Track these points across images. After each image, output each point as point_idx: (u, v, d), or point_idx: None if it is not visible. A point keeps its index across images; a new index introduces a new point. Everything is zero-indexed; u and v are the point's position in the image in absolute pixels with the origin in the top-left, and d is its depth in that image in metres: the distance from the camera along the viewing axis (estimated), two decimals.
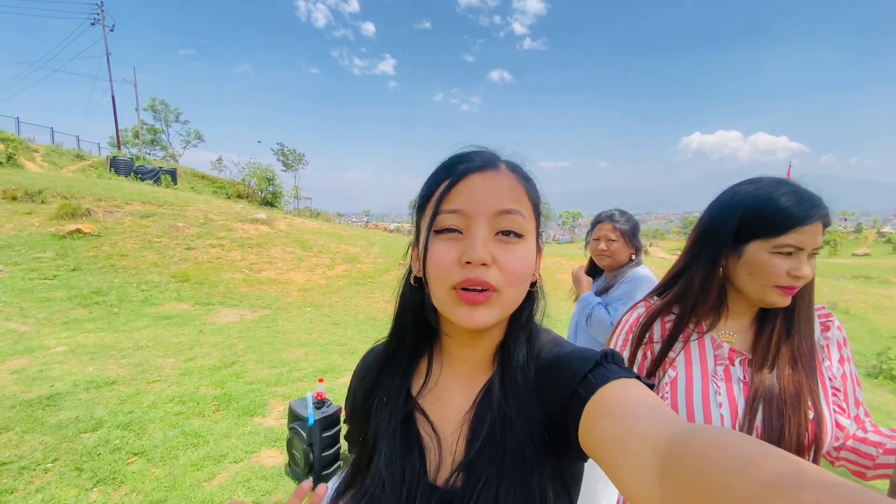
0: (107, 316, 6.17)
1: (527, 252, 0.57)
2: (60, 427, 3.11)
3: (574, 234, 74.74)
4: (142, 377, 4.11)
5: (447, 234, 0.56)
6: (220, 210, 12.72)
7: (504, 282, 0.55)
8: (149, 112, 34.88)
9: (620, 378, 0.50)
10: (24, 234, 8.83)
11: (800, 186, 0.86)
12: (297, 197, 31.10)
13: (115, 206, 10.83)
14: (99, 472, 2.64)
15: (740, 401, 0.88)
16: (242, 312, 7.11)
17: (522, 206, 0.57)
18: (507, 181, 0.57)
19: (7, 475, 2.56)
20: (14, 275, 7.12)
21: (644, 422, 0.42)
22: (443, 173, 0.58)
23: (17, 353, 4.51)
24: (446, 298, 0.56)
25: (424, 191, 0.60)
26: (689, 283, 0.96)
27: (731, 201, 0.90)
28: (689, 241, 1.00)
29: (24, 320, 5.58)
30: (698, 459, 0.33)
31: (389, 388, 0.66)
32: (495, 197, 0.55)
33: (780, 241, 0.83)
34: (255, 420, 3.45)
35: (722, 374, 0.92)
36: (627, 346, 1.03)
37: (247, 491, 2.58)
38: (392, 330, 0.69)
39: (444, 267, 0.55)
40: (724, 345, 0.94)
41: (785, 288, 0.86)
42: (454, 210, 0.55)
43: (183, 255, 9.23)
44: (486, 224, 0.55)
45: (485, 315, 0.55)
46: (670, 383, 0.94)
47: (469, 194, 0.55)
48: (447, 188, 0.56)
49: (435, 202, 0.57)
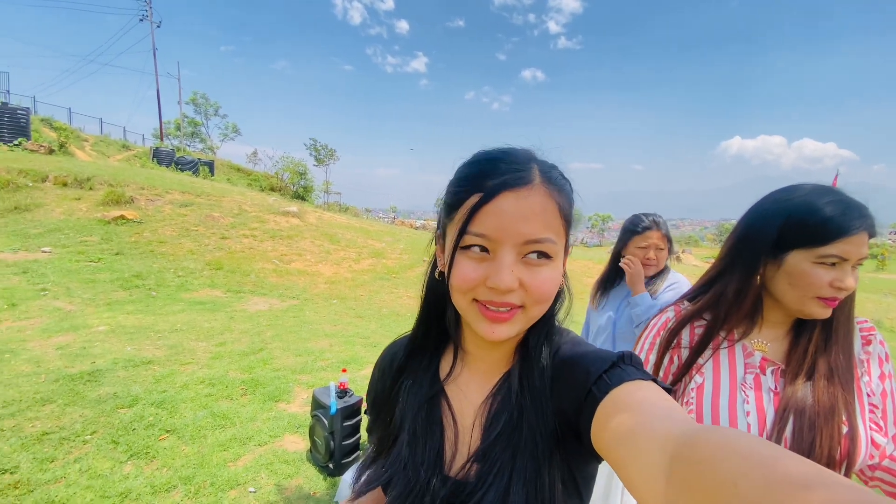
0: (145, 299, 6.46)
1: (554, 272, 0.55)
2: (100, 402, 3.28)
3: (603, 238, 73.24)
4: (176, 359, 4.29)
5: (475, 251, 0.54)
6: (254, 202, 13.09)
7: (530, 301, 0.55)
8: (190, 105, 36.22)
9: (636, 380, 0.50)
10: (72, 218, 9.34)
11: (845, 195, 0.82)
12: (328, 191, 31.71)
13: (157, 194, 11.31)
14: (133, 447, 2.77)
15: (769, 410, 0.86)
16: (272, 301, 7.30)
17: (552, 231, 0.54)
18: (540, 201, 0.53)
19: (49, 444, 2.72)
20: (62, 256, 7.55)
21: (655, 421, 0.42)
22: (474, 184, 0.54)
23: (62, 330, 4.78)
24: (468, 309, 0.57)
25: (453, 195, 0.57)
26: (722, 290, 0.93)
27: (772, 208, 0.87)
28: (725, 247, 0.97)
29: (71, 300, 5.90)
30: (706, 459, 0.33)
31: (417, 371, 0.69)
32: (526, 224, 0.52)
33: (823, 251, 0.80)
34: (279, 406, 3.54)
35: (752, 382, 0.89)
36: (654, 350, 1.01)
37: (269, 474, 2.65)
38: (418, 319, 0.70)
39: (468, 282, 0.54)
40: (756, 353, 0.91)
41: (826, 299, 0.82)
42: (481, 234, 0.53)
43: (217, 244, 9.56)
44: (514, 249, 0.53)
45: (506, 331, 0.56)
46: (696, 389, 0.92)
47: (499, 219, 0.52)
48: (476, 206, 0.53)
49: (463, 218, 0.54)
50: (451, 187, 0.59)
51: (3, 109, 15.27)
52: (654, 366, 1.00)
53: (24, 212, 9.31)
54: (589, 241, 66.58)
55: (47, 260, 7.30)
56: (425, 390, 0.66)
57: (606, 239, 71.22)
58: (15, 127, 15.18)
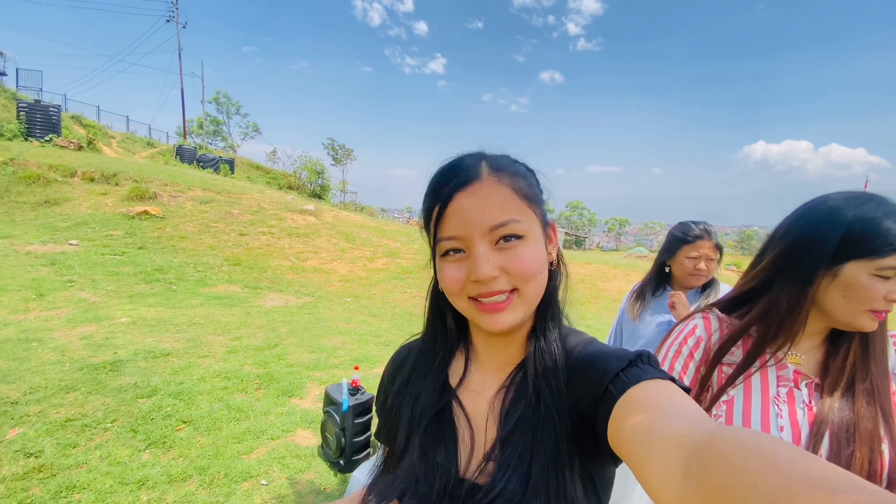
0: (166, 292, 6.62)
1: (532, 248, 0.57)
2: (121, 391, 3.38)
3: (620, 242, 72.29)
4: (193, 351, 4.39)
5: (452, 254, 0.58)
6: (272, 200, 13.30)
7: (519, 281, 0.56)
8: (213, 104, 37.04)
9: (654, 379, 0.49)
10: (98, 212, 9.63)
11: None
12: (344, 191, 32.03)
13: (179, 191, 11.59)
14: (151, 436, 2.85)
15: (804, 426, 0.83)
16: (287, 298, 7.41)
17: (513, 211, 0.56)
18: (492, 189, 0.56)
19: (71, 431, 2.81)
20: (88, 249, 7.79)
21: (672, 420, 0.41)
22: (431, 198, 0.59)
23: (87, 320, 4.94)
24: (467, 309, 0.60)
25: (423, 211, 0.62)
26: (773, 302, 0.88)
27: (830, 217, 0.83)
28: (773, 255, 0.91)
29: (95, 291, 6.09)
30: (724, 459, 0.32)
31: (425, 381, 0.68)
32: (484, 213, 0.55)
33: (883, 262, 0.77)
34: (292, 401, 3.60)
35: (785, 396, 0.86)
36: (680, 358, 0.97)
37: (281, 468, 2.70)
38: (426, 327, 0.72)
39: (455, 284, 0.58)
40: (790, 366, 0.88)
41: (878, 312, 0.80)
42: (451, 237, 0.57)
43: (236, 241, 9.74)
44: (484, 240, 0.56)
45: (509, 318, 0.57)
46: (727, 403, 0.89)
47: (459, 217, 0.56)
48: (438, 215, 0.57)
49: (433, 229, 0.59)
50: (422, 207, 0.63)
51: (35, 106, 15.83)
52: (694, 381, 0.96)
53: (53, 205, 9.64)
54: (605, 245, 65.74)
55: (74, 252, 7.55)
56: (435, 401, 0.66)
57: (623, 243, 70.29)
58: (47, 123, 15.72)
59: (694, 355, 0.96)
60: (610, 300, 9.98)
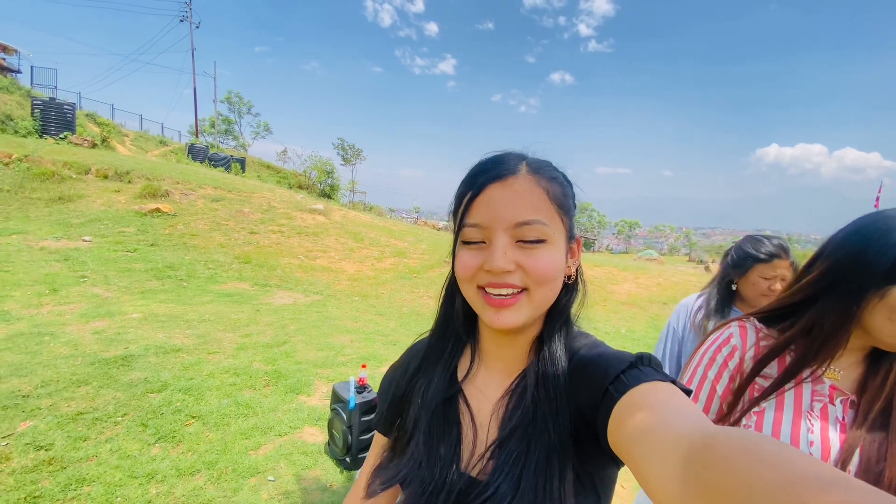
0: (177, 289, 6.69)
1: (551, 253, 0.57)
2: (131, 386, 3.41)
3: (629, 245, 71.74)
4: (203, 348, 4.42)
5: (472, 244, 0.59)
6: (283, 199, 13.39)
7: (531, 282, 0.57)
8: (224, 104, 37.42)
9: (654, 381, 0.50)
10: (111, 209, 9.76)
11: None
12: (353, 190, 32.16)
13: (191, 189, 11.71)
14: (161, 430, 2.87)
15: (835, 443, 0.81)
16: (296, 296, 7.45)
17: (542, 213, 0.57)
18: (526, 187, 0.57)
19: (82, 424, 2.84)
20: (101, 246, 7.89)
21: (672, 421, 0.42)
22: (465, 185, 0.60)
23: (99, 315, 5.00)
24: (475, 299, 0.60)
25: (454, 200, 0.63)
26: (818, 319, 0.85)
27: (886, 236, 0.79)
28: (822, 269, 0.87)
29: (108, 287, 6.16)
30: (722, 459, 0.32)
31: (434, 371, 0.70)
32: (513, 208, 0.56)
33: None
34: (300, 398, 3.60)
35: (819, 411, 0.84)
36: (714, 366, 0.94)
37: (288, 464, 2.71)
38: (437, 320, 0.72)
39: (468, 271, 0.59)
40: (826, 381, 0.86)
41: None
42: (475, 224, 0.58)
43: (246, 239, 9.82)
44: (506, 234, 0.56)
45: (512, 317, 0.57)
46: (757, 414, 0.87)
47: (487, 207, 0.57)
48: (468, 201, 0.58)
49: (459, 215, 0.60)
50: (455, 195, 0.64)
51: (51, 104, 16.10)
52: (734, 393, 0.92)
53: (67, 202, 9.79)
54: (615, 247, 65.29)
55: (87, 248, 7.65)
56: (443, 391, 0.67)
57: (633, 246, 69.76)
58: (62, 121, 15.98)
59: (728, 364, 0.93)
60: (619, 303, 9.90)
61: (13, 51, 24.35)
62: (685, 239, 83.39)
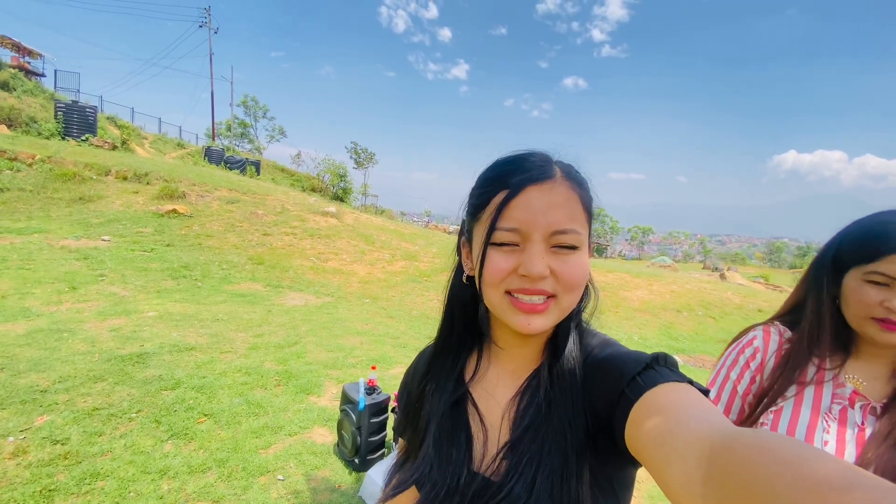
0: (191, 289, 6.79)
1: (582, 260, 0.57)
2: (146, 383, 3.46)
3: (643, 251, 70.93)
4: (216, 347, 4.48)
5: (505, 246, 0.56)
6: (296, 201, 13.53)
7: (561, 289, 0.56)
8: (241, 108, 37.98)
9: (671, 381, 0.49)
10: (130, 210, 9.96)
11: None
12: (365, 193, 32.38)
13: (206, 191, 11.90)
14: (174, 427, 2.90)
15: (850, 445, 0.81)
16: (308, 297, 7.51)
17: (577, 222, 0.56)
18: (564, 193, 0.56)
19: (98, 419, 2.89)
20: (119, 245, 8.06)
21: (690, 423, 0.41)
22: (499, 183, 0.57)
23: (116, 313, 5.09)
24: (500, 304, 0.58)
25: (478, 196, 0.60)
26: (805, 312, 0.93)
27: (853, 232, 0.88)
28: (807, 269, 0.98)
29: (125, 286, 6.28)
30: (743, 461, 0.32)
31: (441, 374, 0.69)
32: (553, 215, 0.54)
33: (871, 268, 0.80)
34: (310, 398, 3.62)
35: (837, 413, 0.85)
36: (736, 367, 0.99)
37: (298, 464, 2.72)
38: (442, 323, 0.72)
39: (500, 274, 0.56)
40: (848, 385, 0.86)
41: (881, 321, 0.79)
42: (511, 228, 0.55)
43: (260, 240, 9.93)
44: (543, 240, 0.55)
45: (542, 322, 0.56)
46: (775, 413, 0.89)
47: (526, 210, 0.54)
48: (503, 202, 0.55)
49: (492, 215, 0.56)
50: (475, 191, 0.61)
51: (73, 107, 16.52)
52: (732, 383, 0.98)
53: (87, 202, 10.02)
54: (627, 253, 64.61)
55: (106, 248, 7.81)
56: (449, 393, 0.67)
57: (646, 252, 68.92)
58: (83, 124, 16.38)
59: (750, 365, 0.97)
60: (632, 310, 9.79)
61: (38, 55, 25.08)
62: (700, 246, 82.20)
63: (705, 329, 9.28)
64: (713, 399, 1.04)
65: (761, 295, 12.80)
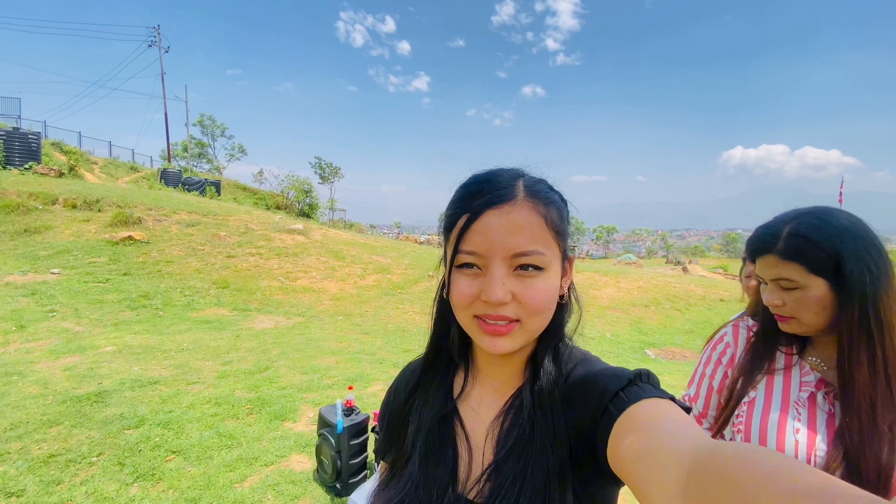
0: (152, 319, 6.48)
1: (548, 283, 0.56)
2: (106, 423, 3.26)
3: (608, 250, 72.94)
4: (182, 378, 4.28)
5: (467, 268, 0.57)
6: (260, 220, 13.20)
7: (525, 314, 0.56)
8: (197, 127, 36.86)
9: (653, 398, 0.50)
10: (81, 239, 9.45)
11: (797, 220, 0.85)
12: (333, 209, 31.92)
13: (164, 215, 11.45)
14: (139, 468, 2.74)
15: (821, 430, 0.85)
16: (277, 319, 7.30)
17: (540, 243, 0.55)
18: (524, 216, 0.55)
19: (55, 467, 2.70)
20: (71, 278, 7.61)
21: (671, 438, 0.41)
22: (461, 206, 0.57)
23: (70, 351, 4.80)
24: (470, 325, 0.59)
25: (448, 217, 0.60)
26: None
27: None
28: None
29: (78, 320, 5.93)
30: (724, 474, 0.33)
31: (429, 390, 0.69)
32: (511, 238, 0.54)
33: (752, 269, 0.93)
34: (286, 425, 3.51)
35: (805, 400, 0.89)
36: (710, 364, 1.06)
37: (276, 495, 2.62)
38: (430, 339, 0.72)
39: (465, 298, 0.57)
40: (813, 373, 0.91)
41: (777, 315, 0.90)
42: (471, 251, 0.55)
43: (224, 263, 9.62)
44: (504, 263, 0.55)
45: (508, 344, 0.57)
46: (748, 403, 0.93)
47: (484, 236, 0.54)
48: (464, 226, 0.56)
49: (455, 239, 0.57)
50: (447, 209, 0.61)
51: (14, 134, 15.60)
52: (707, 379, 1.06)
53: (33, 234, 9.44)
54: (594, 253, 66.26)
55: (56, 281, 7.37)
56: (437, 409, 0.66)
57: (612, 250, 70.87)
58: (26, 151, 15.48)
59: (722, 360, 1.04)
60: (602, 308, 10.01)
61: None
62: (661, 241, 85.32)
63: (672, 321, 9.60)
64: (693, 397, 1.09)
65: (721, 285, 13.37)
